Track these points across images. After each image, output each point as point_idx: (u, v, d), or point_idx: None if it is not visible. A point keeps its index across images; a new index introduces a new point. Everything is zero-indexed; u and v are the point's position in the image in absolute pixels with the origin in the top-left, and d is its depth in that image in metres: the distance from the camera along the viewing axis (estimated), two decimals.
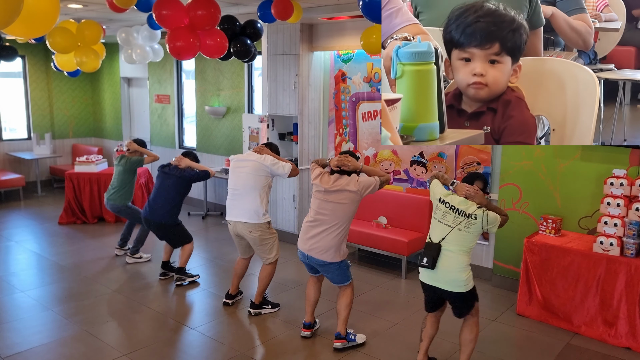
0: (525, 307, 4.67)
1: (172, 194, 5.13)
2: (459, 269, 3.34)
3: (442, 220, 3.41)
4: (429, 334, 3.69)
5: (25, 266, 5.85)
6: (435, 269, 3.38)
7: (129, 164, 5.87)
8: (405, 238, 5.53)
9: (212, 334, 4.32)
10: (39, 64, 9.82)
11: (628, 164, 4.50)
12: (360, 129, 6.32)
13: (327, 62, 6.57)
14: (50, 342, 4.11)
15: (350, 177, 3.89)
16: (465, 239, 3.34)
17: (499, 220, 3.37)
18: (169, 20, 4.20)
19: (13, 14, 1.91)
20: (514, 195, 5.14)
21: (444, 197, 3.47)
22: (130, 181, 5.91)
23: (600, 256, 4.23)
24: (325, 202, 3.90)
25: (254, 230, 4.44)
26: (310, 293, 4.22)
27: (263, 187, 4.44)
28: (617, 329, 4.17)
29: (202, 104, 8.39)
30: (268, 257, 4.57)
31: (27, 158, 9.36)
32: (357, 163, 3.93)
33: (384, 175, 3.99)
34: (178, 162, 5.20)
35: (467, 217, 3.32)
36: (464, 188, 3.43)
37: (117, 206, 5.90)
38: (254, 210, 4.41)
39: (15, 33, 2.57)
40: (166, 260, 5.49)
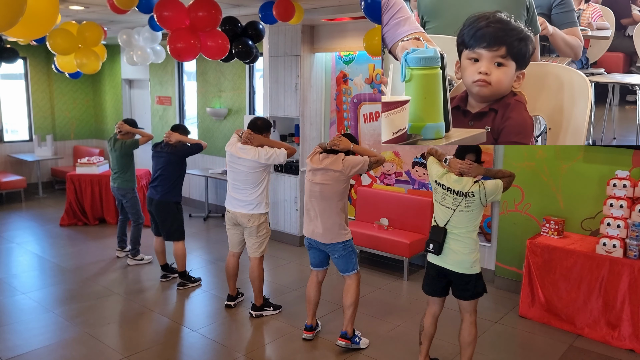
0: (527, 308, 4.65)
1: (167, 172, 5.07)
2: (467, 251, 3.33)
3: (442, 202, 3.39)
4: (428, 336, 3.66)
5: (26, 268, 5.84)
6: (443, 253, 3.37)
7: (125, 148, 5.74)
8: (407, 240, 5.52)
9: (213, 336, 4.31)
10: (40, 65, 9.83)
11: (631, 165, 4.48)
12: (361, 130, 6.31)
13: (329, 63, 6.56)
14: (51, 344, 4.10)
15: (337, 156, 3.85)
16: (469, 218, 3.31)
17: (501, 185, 3.31)
18: (170, 21, 4.20)
19: (16, 16, 1.91)
20: (517, 196, 5.13)
21: (439, 178, 3.42)
22: (130, 164, 5.84)
23: (603, 258, 4.22)
24: (313, 184, 3.92)
25: (253, 219, 4.44)
26: (311, 293, 4.20)
27: (262, 179, 4.43)
28: (620, 330, 4.15)
29: (204, 106, 8.39)
30: (257, 251, 4.53)
31: (29, 160, 9.36)
32: (348, 143, 3.88)
33: (376, 156, 3.91)
34: (168, 137, 5.10)
35: (464, 196, 3.28)
36: (457, 164, 3.36)
37: (123, 189, 5.82)
38: (256, 202, 4.43)
39: (15, 34, 2.56)
40: (164, 264, 5.48)
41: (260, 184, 4.43)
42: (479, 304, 3.61)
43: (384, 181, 6.20)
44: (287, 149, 4.41)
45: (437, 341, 4.14)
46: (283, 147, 4.39)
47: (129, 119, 5.97)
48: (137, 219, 5.94)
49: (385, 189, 6.19)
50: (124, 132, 5.79)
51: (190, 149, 5.13)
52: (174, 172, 5.10)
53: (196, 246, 6.60)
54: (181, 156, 5.12)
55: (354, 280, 4.03)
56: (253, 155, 4.32)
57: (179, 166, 5.13)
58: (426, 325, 3.65)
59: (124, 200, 5.94)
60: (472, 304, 3.46)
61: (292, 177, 6.54)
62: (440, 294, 3.57)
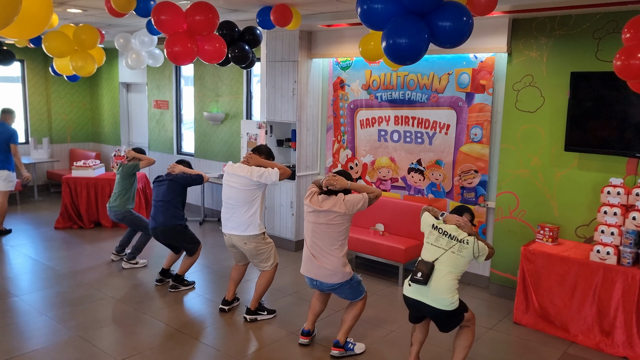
0: (522, 315, 4.66)
1: (167, 197, 5.13)
2: (448, 289, 3.38)
3: (436, 243, 3.50)
4: (419, 339, 3.71)
5: (20, 271, 5.82)
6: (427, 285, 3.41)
7: (125, 170, 5.89)
8: (402, 245, 5.52)
9: (207, 340, 4.29)
10: (37, 68, 9.83)
11: (625, 173, 4.50)
12: (358, 136, 6.33)
13: (326, 69, 6.58)
14: (44, 348, 4.08)
15: (337, 197, 3.86)
16: (457, 261, 3.41)
17: (487, 251, 3.48)
18: (168, 25, 4.21)
19: (11, 15, 1.91)
20: (511, 203, 5.14)
21: (437, 224, 3.58)
22: (129, 187, 5.91)
23: (597, 265, 4.23)
24: (317, 225, 3.90)
25: (248, 242, 4.45)
26: (316, 304, 4.21)
27: (255, 199, 4.43)
28: (614, 338, 4.16)
29: (201, 110, 8.40)
30: (265, 265, 4.57)
31: (25, 162, 9.30)
32: (345, 182, 3.90)
33: (374, 192, 3.95)
34: (172, 169, 5.26)
35: (459, 242, 3.43)
36: (454, 218, 3.57)
37: (120, 212, 5.85)
38: (248, 223, 4.42)
39: (8, 34, 2.56)
40: (166, 268, 5.47)
41: (252, 204, 4.43)
42: (473, 310, 3.63)
43: (379, 187, 6.21)
44: (281, 169, 4.43)
45: (429, 346, 4.15)
46: (277, 167, 4.43)
47: (137, 148, 6.14)
48: (145, 229, 5.89)
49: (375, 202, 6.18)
50: (131, 158, 5.94)
51: (191, 178, 5.23)
52: (174, 197, 5.16)
53: None
54: (182, 184, 5.20)
55: (362, 299, 4.06)
56: (246, 172, 4.39)
57: (179, 193, 5.21)
58: (417, 328, 3.71)
59: (124, 222, 5.98)
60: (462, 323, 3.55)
61: (289, 182, 6.55)
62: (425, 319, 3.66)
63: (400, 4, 2.99)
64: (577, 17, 4.62)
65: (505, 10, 4.57)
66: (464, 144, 5.43)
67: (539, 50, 4.85)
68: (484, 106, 5.26)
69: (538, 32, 4.83)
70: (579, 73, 4.59)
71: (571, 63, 4.68)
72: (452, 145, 5.53)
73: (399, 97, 5.89)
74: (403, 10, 3.00)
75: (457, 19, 2.99)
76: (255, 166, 4.43)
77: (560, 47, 4.74)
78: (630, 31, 3.34)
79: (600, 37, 4.51)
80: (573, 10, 4.45)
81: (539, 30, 4.83)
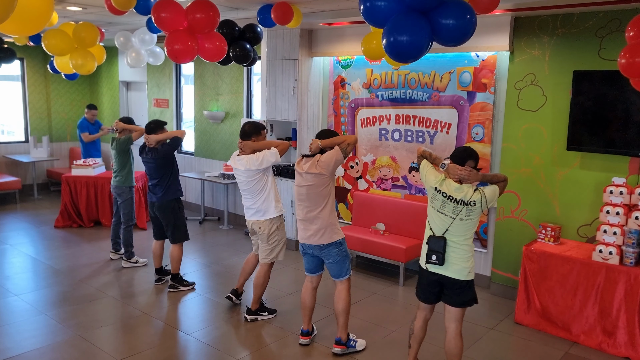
0: (523, 315, 4.63)
1: (159, 174, 5.11)
2: (464, 258, 3.31)
3: (442, 210, 3.32)
4: (418, 339, 3.64)
5: (20, 269, 5.80)
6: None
7: (119, 145, 5.84)
8: (403, 245, 5.50)
9: (207, 340, 4.27)
10: (37, 66, 9.80)
11: (627, 172, 4.48)
12: (359, 135, 6.30)
13: (327, 67, 6.55)
14: (43, 347, 4.06)
15: (312, 159, 3.89)
16: (467, 226, 3.29)
17: (498, 191, 3.30)
18: (168, 23, 4.19)
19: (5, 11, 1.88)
20: (513, 202, 5.12)
21: (439, 185, 3.34)
22: (127, 161, 5.91)
23: (600, 265, 4.21)
24: (300, 188, 3.97)
25: (263, 226, 4.48)
26: (306, 299, 4.18)
27: (264, 185, 4.44)
28: (616, 338, 4.14)
29: (201, 109, 8.37)
30: (267, 257, 4.54)
31: (24, 161, 9.32)
32: (317, 143, 3.88)
33: (345, 140, 3.85)
34: (147, 141, 5.10)
35: (466, 205, 3.24)
36: (457, 171, 3.29)
37: (120, 187, 5.87)
38: (263, 209, 4.48)
39: (9, 30, 2.53)
40: (159, 267, 5.45)
41: (263, 189, 4.44)
42: (474, 310, 3.60)
43: (380, 186, 6.19)
44: (279, 145, 4.41)
45: (426, 345, 4.13)
46: (272, 146, 4.40)
47: (125, 117, 6.04)
48: (127, 220, 5.93)
49: (381, 194, 6.17)
50: (120, 130, 5.85)
51: (170, 146, 5.15)
52: (165, 173, 5.13)
53: (191, 249, 6.56)
54: (165, 158, 5.14)
55: (345, 285, 4.02)
56: (246, 165, 4.36)
57: (168, 166, 5.16)
58: (416, 329, 3.63)
59: (120, 200, 5.95)
60: (461, 312, 3.42)
61: (288, 181, 6.52)
62: (434, 301, 3.56)
63: (402, 1, 2.96)
64: (579, 15, 4.60)
65: (508, 8, 4.56)
66: (465, 143, 5.41)
67: (541, 49, 4.83)
68: (486, 105, 5.23)
69: (540, 30, 4.81)
70: (581, 72, 4.57)
71: (573, 62, 4.65)
72: (453, 144, 5.50)
73: (400, 95, 5.87)
74: (406, 8, 2.97)
75: (461, 17, 2.96)
76: (250, 154, 4.38)
77: (562, 46, 4.71)
78: (634, 29, 3.32)
79: (603, 36, 4.49)
80: (576, 8, 4.43)
81: (542, 29, 4.80)
